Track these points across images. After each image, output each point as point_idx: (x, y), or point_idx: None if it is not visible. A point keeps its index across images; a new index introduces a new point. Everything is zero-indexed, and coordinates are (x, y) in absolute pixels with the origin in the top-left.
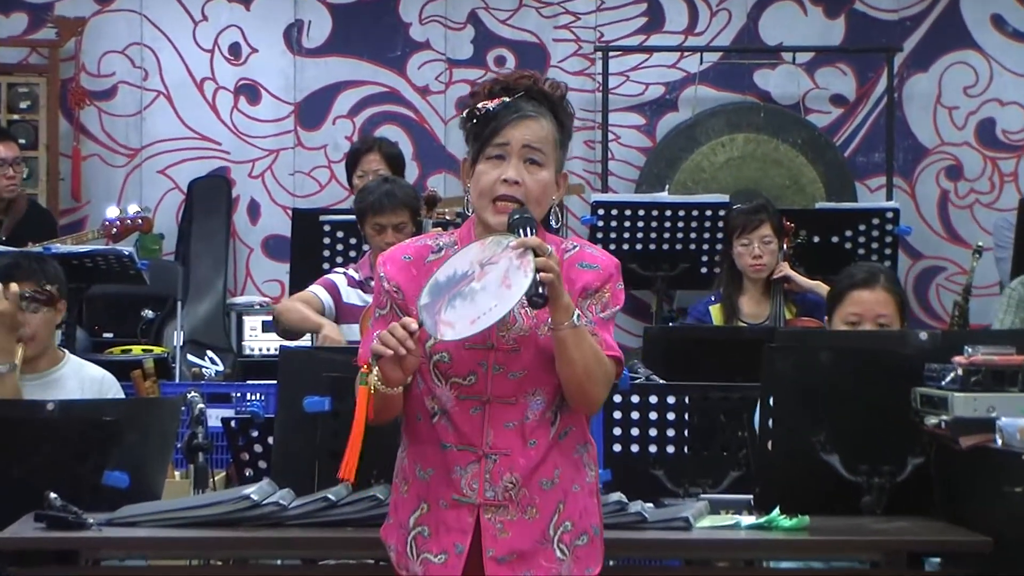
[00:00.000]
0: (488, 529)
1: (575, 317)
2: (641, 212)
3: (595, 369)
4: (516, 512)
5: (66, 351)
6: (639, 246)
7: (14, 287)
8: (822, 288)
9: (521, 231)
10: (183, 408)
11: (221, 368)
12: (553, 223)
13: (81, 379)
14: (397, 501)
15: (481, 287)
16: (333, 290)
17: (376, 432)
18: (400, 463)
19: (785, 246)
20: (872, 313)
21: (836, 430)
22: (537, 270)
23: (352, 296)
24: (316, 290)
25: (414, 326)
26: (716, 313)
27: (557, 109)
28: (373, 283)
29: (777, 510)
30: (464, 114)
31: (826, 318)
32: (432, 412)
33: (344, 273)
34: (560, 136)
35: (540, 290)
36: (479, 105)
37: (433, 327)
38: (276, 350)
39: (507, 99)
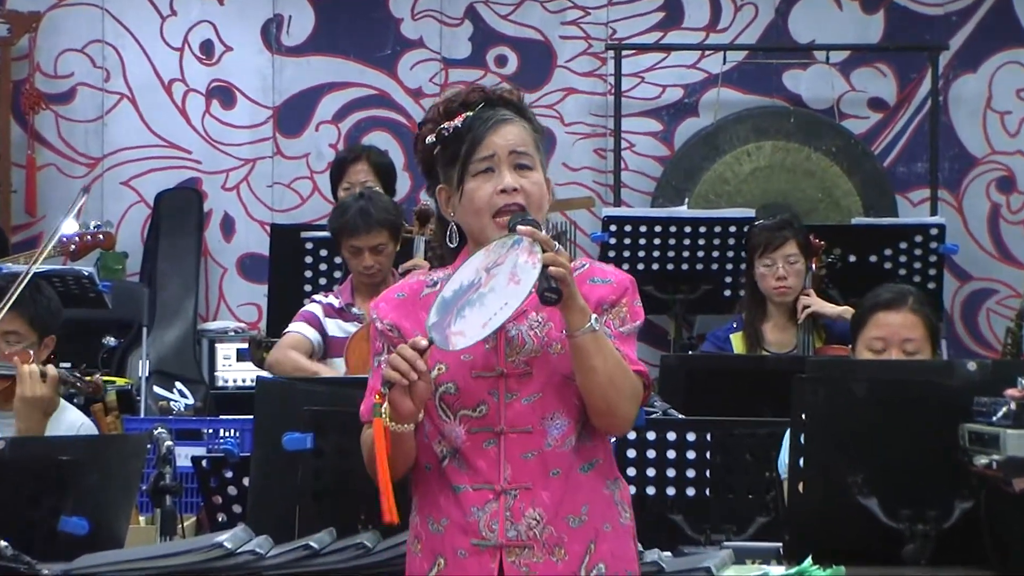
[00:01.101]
0: (513, 574)
1: (593, 320)
2: (657, 228)
3: (620, 378)
4: (543, 554)
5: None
6: (655, 266)
7: (53, 371)
8: (852, 315)
9: (524, 222)
10: (149, 446)
11: (191, 401)
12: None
13: (57, 424)
14: (411, 563)
15: (489, 289)
16: (316, 324)
17: (364, 473)
18: (412, 524)
19: (814, 266)
20: (898, 337)
21: (874, 470)
22: (546, 264)
23: (332, 327)
24: (301, 329)
25: (423, 343)
26: (737, 341)
27: (523, 111)
28: (355, 310)
29: (809, 560)
30: (427, 142)
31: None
32: (441, 456)
33: (320, 302)
34: (537, 136)
35: (552, 283)
36: (445, 125)
37: (444, 341)
38: (252, 381)
39: (470, 113)
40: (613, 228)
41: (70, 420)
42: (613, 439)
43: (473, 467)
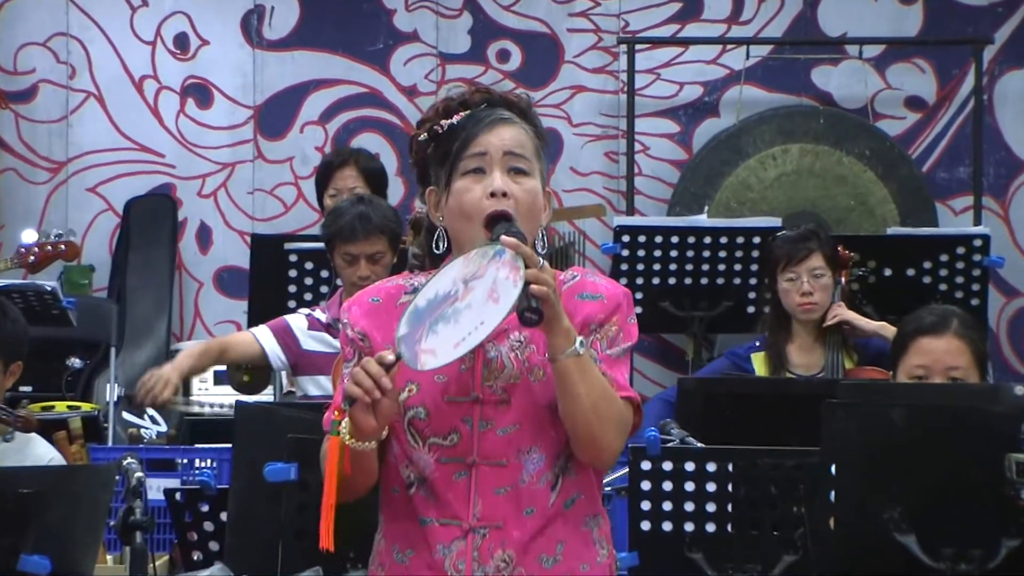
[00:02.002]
0: None
1: (578, 344)
2: (675, 239)
3: (605, 407)
4: None
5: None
6: (672, 280)
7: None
8: (889, 331)
9: (508, 233)
10: (117, 477)
11: (164, 428)
12: (539, 249)
13: (23, 457)
14: None
15: (466, 305)
16: (285, 334)
17: (353, 507)
18: (377, 546)
19: (843, 280)
20: (941, 365)
21: (913, 505)
22: (528, 282)
23: (314, 342)
24: (258, 331)
25: (390, 358)
26: (759, 362)
27: (527, 115)
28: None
29: None
30: (420, 141)
31: (891, 371)
32: (408, 482)
33: (307, 314)
34: (539, 143)
35: (533, 303)
36: (439, 124)
37: (413, 358)
38: (231, 407)
39: (468, 112)
40: (626, 239)
41: (38, 454)
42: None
43: (441, 499)
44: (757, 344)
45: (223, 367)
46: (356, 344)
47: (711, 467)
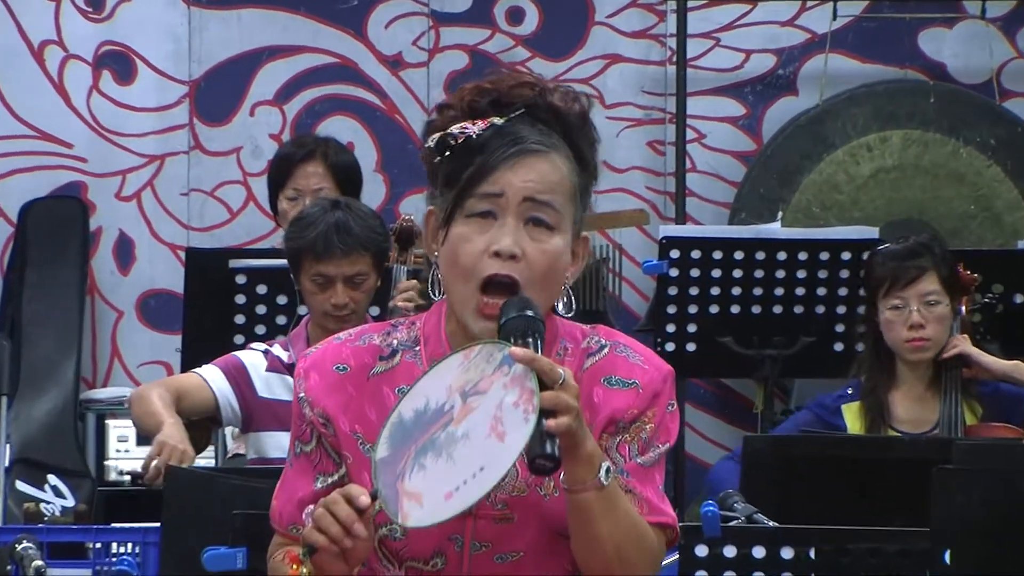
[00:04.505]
0: None
1: (603, 472)
2: (738, 255)
3: (632, 550)
4: None
5: None
6: (735, 308)
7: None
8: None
9: (519, 341)
10: (9, 568)
11: (70, 503)
12: (561, 310)
13: None
14: None
15: (463, 434)
16: (239, 376)
17: None
18: None
19: (963, 309)
20: None
21: None
22: (544, 413)
23: (273, 386)
24: (206, 372)
25: (364, 501)
26: (852, 416)
27: (575, 135)
28: None
29: None
30: (433, 142)
31: None
32: None
33: (264, 351)
34: (580, 180)
35: (549, 448)
36: (455, 129)
37: (393, 502)
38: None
39: (498, 120)
40: (674, 254)
41: None
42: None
43: None
44: (849, 392)
45: None
46: (315, 428)
47: (787, 553)
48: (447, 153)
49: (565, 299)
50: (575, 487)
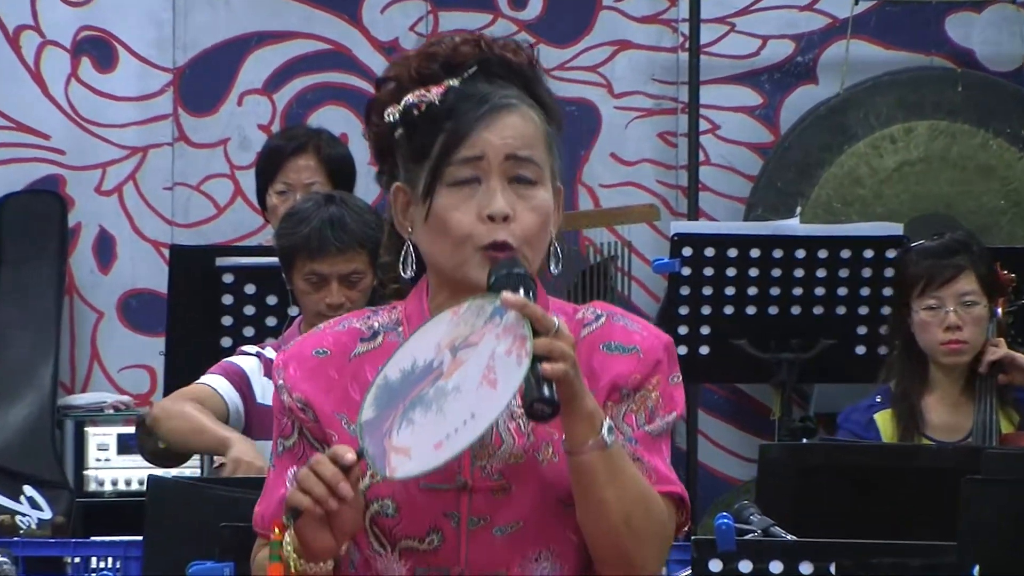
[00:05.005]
0: None
1: (605, 430)
2: (754, 252)
3: (641, 516)
4: None
5: None
6: (751, 309)
7: None
8: None
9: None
10: None
11: (48, 515)
12: (553, 269)
13: None
14: None
15: (453, 387)
16: (241, 382)
17: None
18: None
19: (1000, 310)
20: None
21: None
22: (538, 359)
23: (269, 392)
24: (214, 382)
25: (349, 457)
26: (885, 423)
27: (532, 84)
28: None
29: None
30: (387, 120)
31: None
32: None
33: (258, 354)
34: (550, 128)
35: (545, 392)
36: (412, 98)
37: (380, 459)
38: (141, 484)
39: (454, 82)
40: (687, 252)
41: None
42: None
43: None
44: (878, 400)
45: (131, 428)
46: (295, 415)
47: (806, 568)
48: (408, 128)
49: (555, 255)
50: (577, 449)
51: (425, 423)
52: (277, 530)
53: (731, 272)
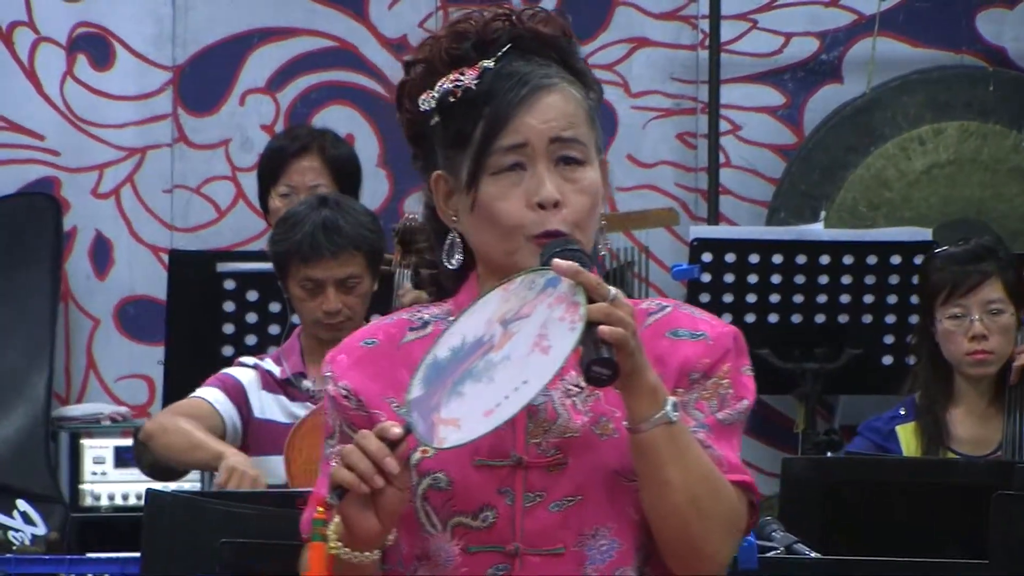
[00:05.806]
0: None
1: (669, 406)
2: (777, 258)
3: (709, 498)
4: None
5: None
6: (774, 317)
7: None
8: None
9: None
10: None
11: (42, 530)
12: (601, 249)
13: None
14: None
15: (503, 357)
16: (238, 396)
17: None
18: None
19: None
20: None
21: None
22: (593, 323)
23: (268, 406)
24: (210, 395)
25: (396, 431)
26: (908, 437)
27: (568, 56)
28: (307, 383)
29: None
30: (422, 109)
31: None
32: None
33: (255, 366)
34: (590, 103)
35: (603, 352)
36: (447, 84)
37: (427, 432)
38: (139, 498)
39: (489, 63)
40: (707, 257)
41: None
42: None
43: None
44: (902, 412)
45: (128, 441)
46: (338, 406)
47: None
48: (445, 116)
49: (603, 242)
50: (639, 425)
51: (475, 394)
52: (320, 508)
53: (753, 279)
